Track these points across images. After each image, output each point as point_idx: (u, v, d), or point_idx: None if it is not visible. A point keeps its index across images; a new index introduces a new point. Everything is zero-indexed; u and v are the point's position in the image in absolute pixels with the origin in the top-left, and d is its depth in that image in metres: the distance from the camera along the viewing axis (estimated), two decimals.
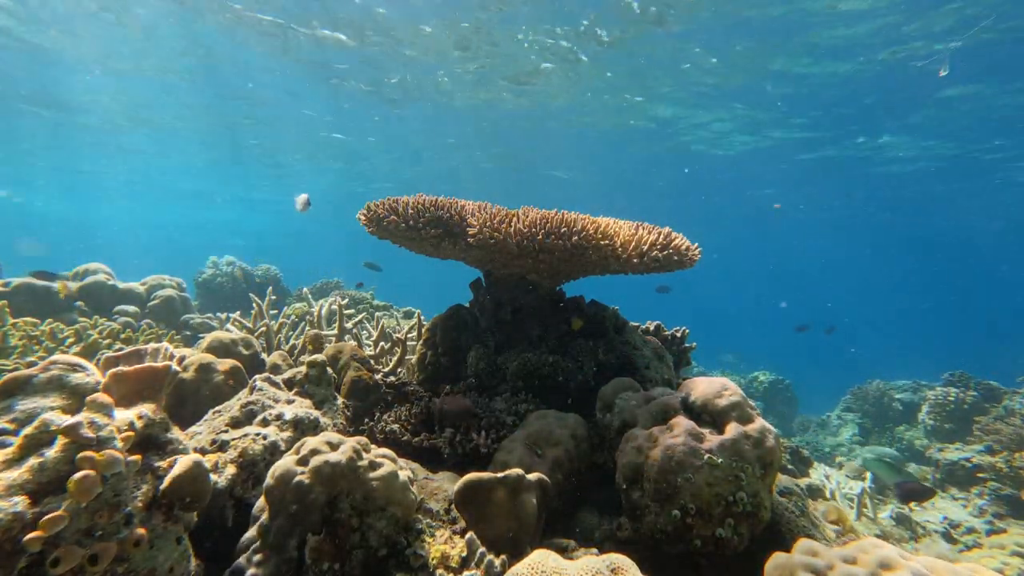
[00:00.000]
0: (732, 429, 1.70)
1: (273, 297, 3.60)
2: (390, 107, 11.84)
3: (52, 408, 1.23)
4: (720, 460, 1.60)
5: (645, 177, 17.36)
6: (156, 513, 1.26)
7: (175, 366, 1.49)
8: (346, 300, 6.08)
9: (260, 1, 7.60)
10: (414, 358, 2.93)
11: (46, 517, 1.03)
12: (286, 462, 1.43)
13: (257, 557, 1.36)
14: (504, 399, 2.37)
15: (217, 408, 2.01)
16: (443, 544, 1.47)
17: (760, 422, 1.75)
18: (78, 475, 1.08)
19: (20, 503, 1.05)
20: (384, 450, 1.58)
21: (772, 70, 9.26)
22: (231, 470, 1.62)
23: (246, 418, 1.89)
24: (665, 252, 2.27)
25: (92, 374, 1.37)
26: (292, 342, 3.38)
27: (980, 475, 5.22)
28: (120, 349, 1.52)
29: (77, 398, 1.29)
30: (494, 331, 2.73)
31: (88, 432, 1.16)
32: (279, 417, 1.88)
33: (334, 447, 1.46)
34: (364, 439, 1.57)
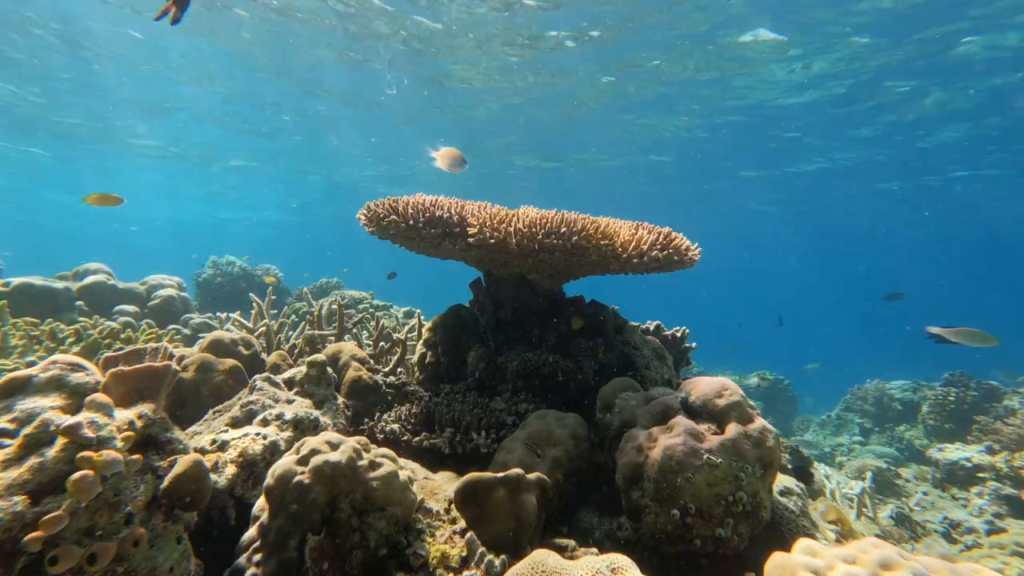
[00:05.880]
0: (732, 429, 1.70)
1: (273, 297, 3.60)
2: None
3: (52, 408, 1.23)
4: (720, 460, 1.60)
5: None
6: (156, 513, 1.26)
7: (175, 366, 1.49)
8: (346, 300, 6.08)
9: None
10: (414, 358, 2.93)
11: (46, 517, 1.03)
12: (286, 462, 1.43)
13: (257, 557, 1.36)
14: (504, 399, 2.37)
15: (217, 408, 2.01)
16: (443, 544, 1.47)
17: (760, 422, 1.75)
18: (77, 475, 1.08)
19: (20, 503, 1.05)
20: (384, 450, 1.58)
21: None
22: (231, 470, 1.63)
23: (246, 418, 1.90)
24: (665, 252, 2.27)
25: (92, 374, 1.37)
26: (292, 342, 3.37)
27: (980, 475, 5.22)
28: (120, 349, 1.52)
29: (77, 398, 1.29)
30: (494, 331, 2.73)
31: (88, 432, 1.16)
32: (279, 417, 1.88)
33: (334, 447, 1.46)
34: (364, 439, 1.57)
